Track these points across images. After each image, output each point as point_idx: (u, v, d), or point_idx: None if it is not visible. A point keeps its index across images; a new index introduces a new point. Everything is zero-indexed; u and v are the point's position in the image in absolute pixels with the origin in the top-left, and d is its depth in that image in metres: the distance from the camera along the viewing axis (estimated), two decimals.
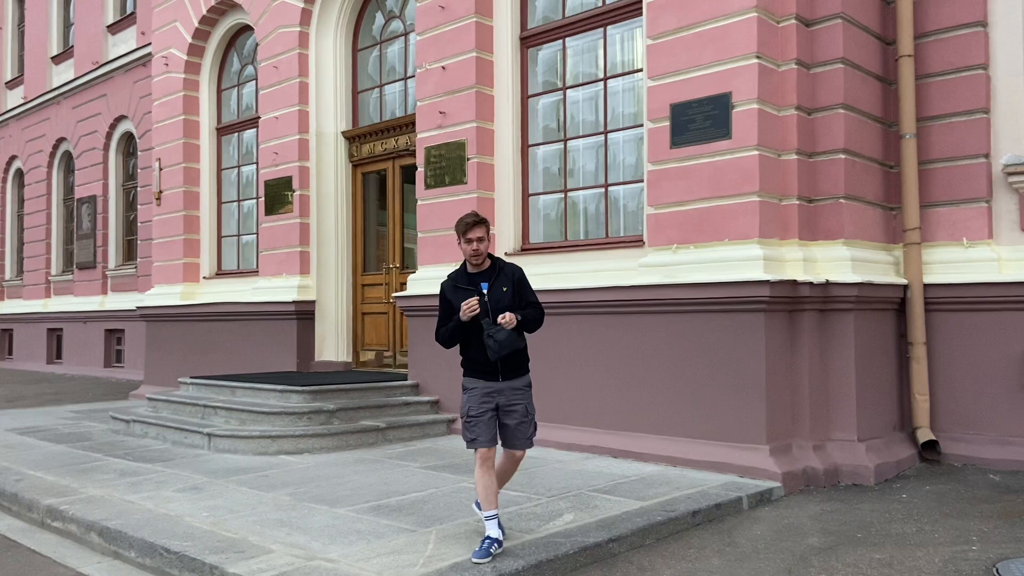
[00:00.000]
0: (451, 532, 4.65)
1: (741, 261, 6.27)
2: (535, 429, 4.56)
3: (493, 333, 4.22)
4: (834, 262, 6.48)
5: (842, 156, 6.59)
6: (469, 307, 4.23)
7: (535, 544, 4.41)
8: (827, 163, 6.64)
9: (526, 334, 4.45)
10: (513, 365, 4.39)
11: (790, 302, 6.30)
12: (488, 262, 4.45)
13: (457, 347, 4.52)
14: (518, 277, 4.47)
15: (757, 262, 6.18)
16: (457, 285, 4.42)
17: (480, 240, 4.35)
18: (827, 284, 6.34)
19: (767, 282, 6.06)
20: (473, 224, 4.34)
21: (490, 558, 4.12)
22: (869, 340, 6.64)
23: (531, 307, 4.45)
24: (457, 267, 4.60)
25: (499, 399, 4.36)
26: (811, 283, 6.29)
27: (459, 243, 4.41)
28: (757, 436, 6.14)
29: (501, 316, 4.24)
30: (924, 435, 6.80)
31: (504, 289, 4.36)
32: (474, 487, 4.61)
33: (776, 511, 5.48)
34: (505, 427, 4.42)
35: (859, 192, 6.78)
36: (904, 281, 6.95)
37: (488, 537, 4.22)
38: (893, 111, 7.16)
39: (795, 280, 6.23)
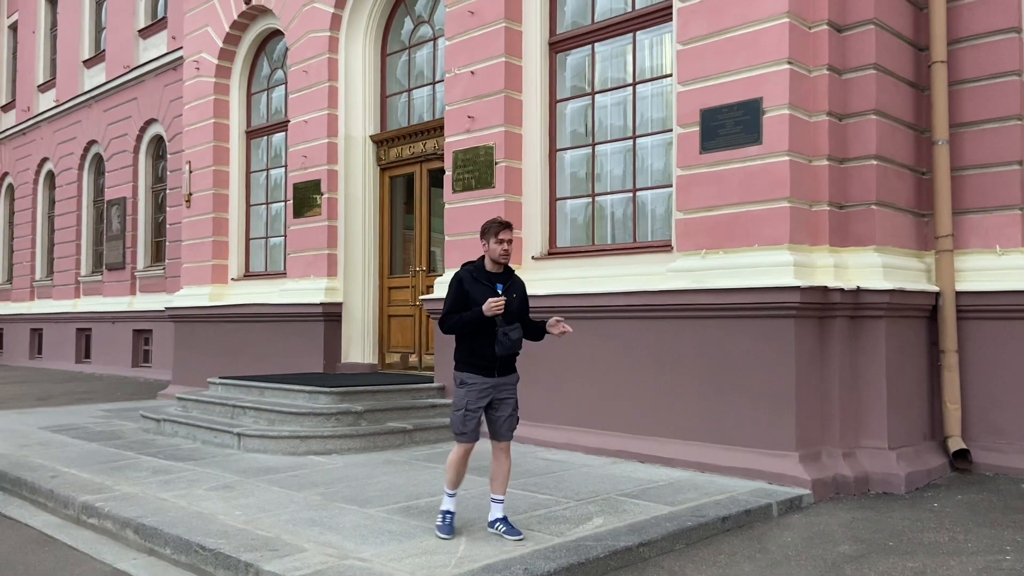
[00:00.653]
0: (481, 534, 4.68)
1: (771, 267, 6.25)
2: (517, 422, 4.85)
3: (508, 332, 4.56)
4: (865, 268, 6.43)
5: (874, 162, 6.55)
6: (497, 306, 4.50)
7: (566, 547, 4.43)
8: (858, 169, 6.61)
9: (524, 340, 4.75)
10: (508, 362, 4.75)
11: (820, 308, 6.27)
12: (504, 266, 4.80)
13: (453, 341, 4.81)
14: (524, 291, 4.84)
15: (787, 268, 6.16)
16: (476, 278, 4.70)
17: (510, 242, 4.69)
18: (858, 291, 6.30)
19: (797, 288, 6.04)
20: (505, 226, 4.68)
21: (453, 531, 4.63)
22: (900, 347, 6.59)
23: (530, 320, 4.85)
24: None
25: (494, 393, 4.68)
26: (842, 289, 6.25)
27: (486, 243, 4.70)
28: (787, 443, 6.12)
29: (552, 324, 4.67)
30: (955, 444, 6.74)
31: (514, 296, 4.69)
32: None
33: (806, 518, 5.46)
34: (496, 420, 4.73)
35: (891, 198, 6.73)
36: (936, 288, 6.90)
37: (446, 511, 4.69)
38: (925, 117, 7.11)
39: (826, 286, 6.21)
